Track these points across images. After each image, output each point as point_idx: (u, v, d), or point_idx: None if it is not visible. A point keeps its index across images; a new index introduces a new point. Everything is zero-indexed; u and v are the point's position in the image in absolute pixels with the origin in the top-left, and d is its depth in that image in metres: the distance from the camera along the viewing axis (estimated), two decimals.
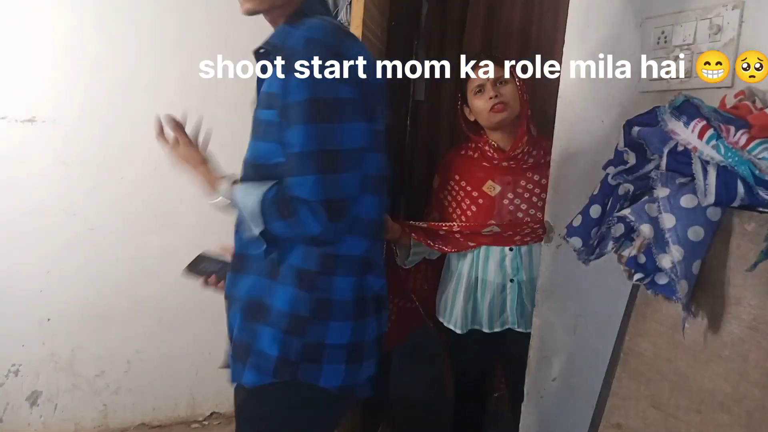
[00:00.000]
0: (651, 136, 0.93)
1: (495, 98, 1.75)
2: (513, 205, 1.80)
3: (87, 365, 2.48)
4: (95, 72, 2.31)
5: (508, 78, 1.78)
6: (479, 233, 1.79)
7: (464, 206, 1.88)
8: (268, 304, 1.13)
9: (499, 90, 1.76)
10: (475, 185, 1.85)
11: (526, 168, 1.80)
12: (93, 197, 2.38)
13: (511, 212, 1.80)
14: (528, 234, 1.76)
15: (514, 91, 1.77)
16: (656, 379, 0.91)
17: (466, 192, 1.87)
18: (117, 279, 2.47)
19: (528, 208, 1.78)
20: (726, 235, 0.85)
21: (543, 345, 1.53)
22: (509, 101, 1.76)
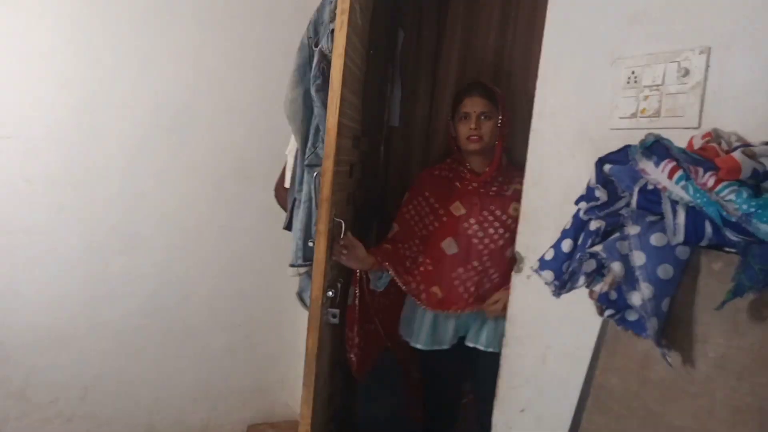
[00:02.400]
0: (622, 174, 0.95)
1: (474, 130, 1.90)
2: (472, 230, 1.92)
3: (40, 391, 2.38)
4: (63, 88, 2.26)
5: (492, 113, 1.92)
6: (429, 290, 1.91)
7: (427, 221, 1.99)
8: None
9: (480, 124, 1.90)
10: (442, 203, 1.97)
11: (492, 196, 1.91)
12: (56, 217, 2.31)
13: (469, 237, 1.92)
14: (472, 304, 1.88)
15: (494, 128, 1.91)
16: (626, 414, 0.92)
17: (433, 208, 1.99)
18: (77, 301, 2.38)
19: (484, 237, 1.90)
20: (694, 274, 0.86)
21: (512, 375, 1.53)
22: (485, 135, 1.91)
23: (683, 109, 1.09)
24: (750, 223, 0.76)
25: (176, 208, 2.50)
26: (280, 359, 2.81)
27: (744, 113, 1.01)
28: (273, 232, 2.69)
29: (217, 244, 2.60)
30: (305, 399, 1.70)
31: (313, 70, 1.79)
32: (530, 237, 1.49)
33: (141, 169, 2.42)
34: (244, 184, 2.61)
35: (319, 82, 1.80)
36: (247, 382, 2.76)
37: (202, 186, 2.54)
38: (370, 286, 2.01)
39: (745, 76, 1.01)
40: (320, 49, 1.76)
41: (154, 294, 2.51)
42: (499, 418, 1.56)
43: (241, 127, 2.56)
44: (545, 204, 1.44)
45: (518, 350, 1.51)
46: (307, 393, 1.70)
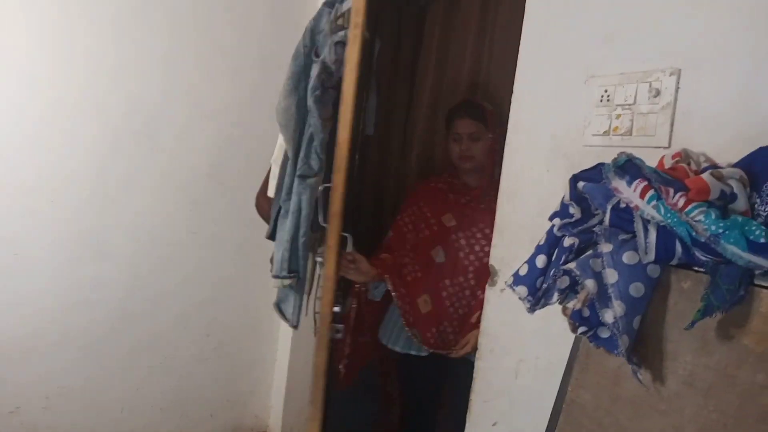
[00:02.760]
0: (595, 191, 0.97)
1: (465, 151, 1.98)
2: (459, 243, 1.97)
3: (1, 400, 2.31)
4: (32, 92, 2.21)
5: (482, 133, 1.97)
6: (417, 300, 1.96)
7: (418, 230, 2.04)
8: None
9: (471, 145, 1.97)
10: (434, 213, 2.03)
11: (482, 210, 1.95)
12: (23, 221, 2.25)
13: (456, 249, 1.98)
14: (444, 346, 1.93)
15: (484, 148, 1.97)
16: (596, 430, 0.93)
17: (425, 218, 2.04)
18: (42, 308, 2.32)
19: (469, 253, 1.96)
20: (664, 292, 0.88)
21: (485, 388, 1.53)
22: (476, 156, 1.98)
23: (654, 129, 1.11)
24: (718, 244, 0.78)
25: (147, 214, 2.46)
26: (250, 370, 2.78)
27: (712, 134, 1.04)
28: (245, 240, 2.66)
29: (187, 251, 2.56)
30: (313, 416, 1.70)
31: (313, 80, 1.77)
32: (504, 250, 1.51)
33: (111, 175, 2.37)
34: (217, 191, 2.58)
35: (318, 93, 1.77)
36: (216, 393, 2.71)
37: (174, 192, 2.50)
38: (368, 296, 2.07)
39: (713, 98, 1.04)
40: (322, 60, 1.75)
41: (123, 302, 2.46)
42: (471, 430, 1.56)
43: (213, 132, 2.54)
44: (520, 217, 1.46)
45: (491, 363, 1.51)
46: (315, 410, 1.69)
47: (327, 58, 1.74)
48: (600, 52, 1.26)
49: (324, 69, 1.75)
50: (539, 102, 1.42)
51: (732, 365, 0.79)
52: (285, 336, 2.75)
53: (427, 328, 1.93)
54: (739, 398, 0.77)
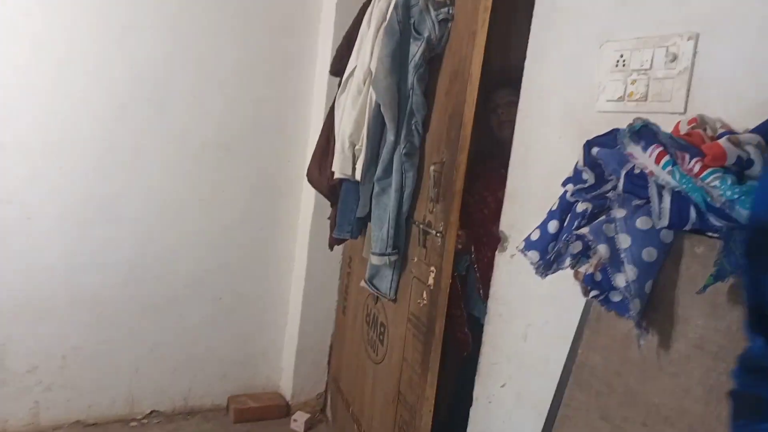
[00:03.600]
0: (609, 157, 0.97)
1: (503, 115, 2.02)
2: None
3: (18, 360, 2.37)
4: (38, 53, 2.20)
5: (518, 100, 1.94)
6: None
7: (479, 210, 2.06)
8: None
9: (508, 110, 1.96)
10: (491, 191, 2.04)
11: None
12: (30, 184, 2.27)
13: None
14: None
15: None
16: (606, 392, 0.95)
17: (482, 197, 2.06)
18: (54, 271, 2.36)
19: None
20: (677, 257, 0.89)
21: (493, 351, 1.56)
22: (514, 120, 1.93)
23: (670, 94, 1.10)
24: (733, 210, 0.78)
25: (156, 179, 2.48)
26: (261, 332, 2.83)
27: (729, 100, 1.03)
28: (254, 206, 2.68)
29: (198, 216, 2.59)
30: (431, 382, 1.76)
31: (417, 58, 1.79)
32: (515, 216, 1.51)
33: (121, 140, 2.38)
34: (226, 157, 2.59)
35: (422, 71, 1.80)
36: (228, 354, 2.77)
37: (183, 157, 2.51)
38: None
39: (731, 63, 1.03)
40: (427, 38, 1.75)
41: (134, 265, 2.50)
42: (480, 392, 1.60)
43: (222, 99, 2.53)
44: (531, 184, 1.46)
45: (500, 327, 1.54)
46: (432, 377, 1.76)
47: (432, 36, 1.75)
48: (615, 16, 1.24)
49: (428, 46, 1.77)
50: (553, 67, 1.41)
51: (742, 329, 0.80)
52: (295, 299, 2.79)
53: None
54: None
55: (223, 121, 2.56)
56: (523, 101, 1.48)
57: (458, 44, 1.73)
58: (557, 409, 1.02)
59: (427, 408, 1.77)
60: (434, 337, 1.74)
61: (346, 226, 2.17)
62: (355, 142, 2.03)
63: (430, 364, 1.75)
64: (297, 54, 2.62)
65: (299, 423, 2.69)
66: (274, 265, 2.78)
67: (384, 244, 1.91)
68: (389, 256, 1.92)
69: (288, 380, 2.85)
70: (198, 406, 2.77)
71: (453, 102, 1.73)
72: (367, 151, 1.97)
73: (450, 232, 1.70)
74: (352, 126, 2.02)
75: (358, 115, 2.00)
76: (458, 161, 1.67)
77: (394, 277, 2.01)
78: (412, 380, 1.87)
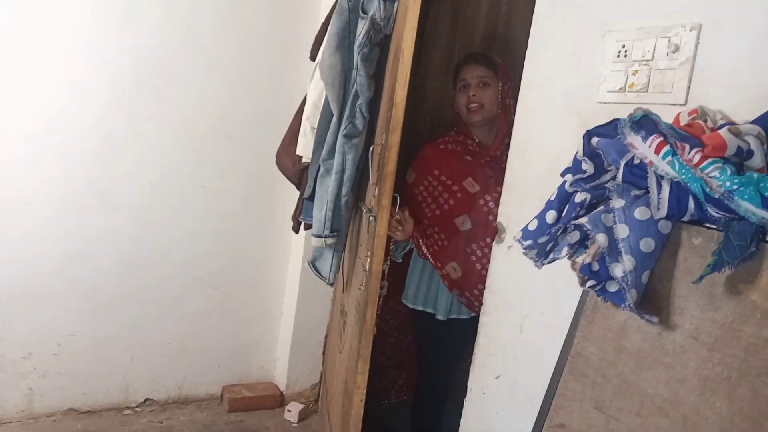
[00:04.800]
0: (609, 147, 0.96)
1: (473, 97, 1.86)
2: (488, 207, 1.88)
3: (13, 346, 2.36)
4: (38, 39, 2.18)
5: (491, 80, 1.86)
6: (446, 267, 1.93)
7: (441, 201, 1.95)
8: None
9: (480, 92, 1.87)
10: (455, 179, 1.93)
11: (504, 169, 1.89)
12: (30, 171, 2.26)
13: (485, 214, 1.89)
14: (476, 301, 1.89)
15: (494, 95, 1.87)
16: (601, 382, 0.95)
17: (445, 186, 1.94)
18: (51, 257, 2.35)
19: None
20: (674, 248, 0.88)
21: (488, 343, 1.56)
22: (486, 104, 1.87)
23: (671, 85, 1.10)
24: (732, 200, 0.78)
25: (154, 166, 2.47)
26: (256, 322, 2.83)
27: (730, 91, 1.02)
28: (252, 194, 2.67)
29: (195, 205, 2.58)
30: (362, 370, 1.74)
31: (361, 37, 1.73)
32: (513, 207, 1.51)
33: (119, 126, 2.37)
34: (225, 144, 2.58)
35: (366, 50, 1.75)
36: (223, 344, 2.77)
37: (182, 145, 2.50)
38: (391, 257, 2.02)
39: (733, 54, 1.02)
40: (371, 17, 1.70)
41: (130, 253, 2.49)
42: (474, 383, 1.60)
43: (221, 85, 2.52)
44: (529, 175, 1.45)
45: (496, 319, 1.53)
46: (364, 364, 1.74)
47: (376, 15, 1.70)
48: (618, 6, 1.24)
49: (372, 26, 1.72)
50: (554, 57, 1.40)
51: (738, 320, 0.80)
52: (291, 289, 2.79)
53: (461, 292, 1.93)
54: (744, 352, 0.78)
55: (224, 109, 2.54)
56: (524, 90, 1.47)
57: (399, 22, 1.69)
58: (551, 399, 1.02)
59: (358, 397, 1.74)
60: (365, 324, 1.71)
61: (310, 210, 2.16)
62: (313, 125, 2.02)
63: (361, 351, 1.72)
64: (297, 41, 2.61)
65: (293, 413, 2.69)
66: (270, 254, 2.78)
67: (321, 225, 1.88)
68: (326, 238, 1.89)
69: (282, 370, 2.85)
70: (192, 395, 2.77)
71: (390, 82, 1.69)
72: (317, 132, 1.95)
73: (381, 215, 1.65)
74: (311, 108, 2.01)
75: (316, 98, 1.99)
76: (390, 142, 1.62)
77: (333, 260, 1.98)
78: (351, 369, 1.85)
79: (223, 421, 2.65)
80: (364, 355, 1.72)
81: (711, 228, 0.86)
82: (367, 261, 1.72)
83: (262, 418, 2.70)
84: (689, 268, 0.86)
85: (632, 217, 0.88)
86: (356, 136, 1.81)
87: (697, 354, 0.84)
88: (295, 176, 2.25)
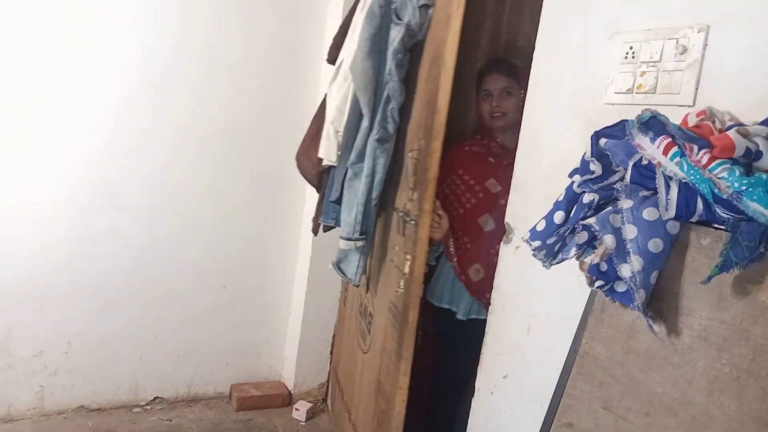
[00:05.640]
0: (617, 148, 0.97)
1: (496, 107, 1.95)
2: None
3: (24, 345, 2.39)
4: (45, 40, 2.20)
5: (514, 88, 1.94)
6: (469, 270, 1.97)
7: (463, 200, 2.01)
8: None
9: (502, 101, 1.94)
10: (477, 179, 1.99)
11: None
12: (37, 170, 2.28)
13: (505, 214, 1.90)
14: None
15: (516, 103, 1.93)
16: (609, 382, 0.95)
17: (468, 185, 2.00)
18: (60, 257, 2.38)
19: None
20: (682, 249, 0.89)
21: (496, 343, 1.56)
22: (508, 112, 1.95)
23: (679, 87, 1.10)
24: (740, 201, 0.78)
25: (162, 167, 2.48)
26: (264, 321, 2.85)
27: (738, 93, 1.02)
28: (260, 194, 2.69)
29: (203, 204, 2.60)
30: (404, 371, 1.76)
31: (396, 43, 1.77)
32: (520, 207, 1.51)
33: (127, 126, 2.39)
34: (232, 145, 2.60)
35: (401, 56, 1.79)
36: (231, 343, 2.79)
37: (189, 145, 2.52)
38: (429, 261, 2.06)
39: (741, 56, 1.02)
40: (407, 23, 1.74)
41: (139, 253, 2.51)
42: (482, 383, 1.60)
43: (229, 85, 2.54)
44: (536, 175, 1.46)
45: (503, 319, 1.54)
46: (406, 365, 1.76)
47: (412, 21, 1.73)
48: (626, 7, 1.24)
49: (408, 32, 1.75)
50: (561, 58, 1.40)
51: (747, 320, 0.80)
52: (299, 289, 2.80)
53: (481, 294, 1.95)
54: (753, 352, 0.79)
55: (231, 110, 2.56)
56: (531, 91, 1.48)
57: (437, 29, 1.71)
58: (560, 399, 1.03)
59: (401, 398, 1.77)
60: (407, 325, 1.74)
61: (331, 213, 2.19)
62: (338, 128, 2.05)
63: (403, 353, 1.75)
64: (304, 42, 2.62)
65: (301, 412, 2.70)
66: (278, 254, 2.79)
67: (351, 228, 1.92)
68: (356, 240, 1.92)
69: (290, 369, 2.86)
70: (201, 394, 2.79)
71: (430, 88, 1.71)
72: (344, 136, 1.98)
73: (423, 219, 1.69)
74: (335, 112, 2.04)
75: (341, 102, 2.01)
76: (432, 148, 1.65)
77: (360, 263, 2.02)
78: (389, 369, 1.87)
79: (231, 420, 2.66)
80: (407, 357, 1.75)
81: (719, 229, 0.86)
82: (406, 264, 1.75)
83: (270, 417, 2.71)
84: (697, 268, 0.87)
85: (640, 218, 0.89)
86: (388, 141, 1.86)
87: (705, 354, 0.84)
88: (315, 179, 2.27)
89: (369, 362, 2.14)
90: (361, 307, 2.34)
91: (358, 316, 2.38)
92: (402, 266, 1.81)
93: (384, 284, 2.01)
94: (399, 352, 1.78)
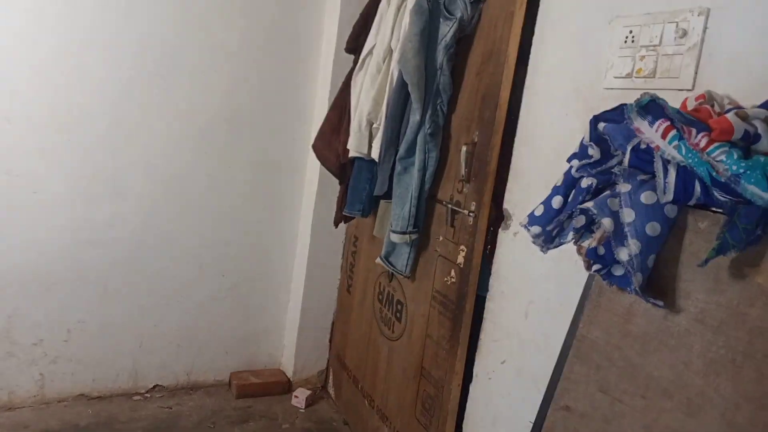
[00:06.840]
0: (616, 132, 0.97)
1: None
2: None
3: (24, 332, 2.39)
4: (44, 27, 2.19)
5: None
6: None
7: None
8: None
9: None
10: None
11: None
12: (37, 159, 2.27)
13: None
14: None
15: None
16: (606, 365, 0.96)
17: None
18: (60, 245, 2.37)
19: None
20: (680, 232, 0.89)
21: (494, 328, 1.57)
22: None
23: (678, 70, 1.10)
24: (738, 184, 0.78)
25: (162, 155, 2.48)
26: (263, 309, 2.85)
27: (737, 76, 1.02)
28: (259, 183, 2.68)
29: (203, 192, 2.59)
30: (460, 357, 1.78)
31: (448, 38, 1.79)
32: (519, 194, 1.51)
33: (126, 115, 2.38)
34: (233, 132, 2.59)
35: (452, 51, 1.80)
36: (230, 331, 2.79)
37: (189, 133, 2.51)
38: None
39: (740, 40, 1.02)
40: (460, 19, 1.76)
41: (139, 241, 2.51)
42: (480, 368, 1.61)
43: (228, 73, 2.52)
44: (535, 162, 1.46)
45: (502, 304, 1.55)
46: (462, 351, 1.78)
47: (464, 16, 1.75)
48: None
49: (460, 27, 1.77)
50: (561, 44, 1.40)
51: (744, 303, 0.80)
52: (298, 277, 2.80)
53: None
54: (749, 335, 0.79)
55: (231, 98, 2.55)
56: (531, 77, 1.47)
57: (492, 25, 1.72)
58: (557, 383, 1.03)
59: (456, 382, 1.80)
60: (465, 313, 1.77)
61: (358, 204, 2.18)
62: (373, 121, 2.04)
63: (460, 339, 1.78)
64: (303, 31, 2.61)
65: (300, 399, 2.71)
66: (277, 242, 2.79)
67: (405, 222, 1.93)
68: (410, 234, 1.94)
69: (290, 357, 2.87)
70: (201, 382, 2.79)
71: (486, 83, 1.72)
72: (387, 130, 1.97)
73: (483, 211, 1.71)
74: (371, 104, 2.02)
75: (377, 94, 2.00)
76: (493, 142, 1.67)
77: (411, 254, 2.03)
78: (438, 356, 1.90)
79: (231, 407, 2.67)
80: (463, 343, 1.78)
81: (717, 212, 0.86)
82: (459, 254, 1.79)
83: (270, 404, 2.72)
84: (695, 251, 0.87)
85: (638, 202, 0.89)
86: (438, 134, 1.87)
87: (702, 337, 0.85)
88: (339, 169, 2.26)
89: (402, 349, 2.16)
90: (381, 295, 2.35)
91: (377, 303, 2.38)
92: (452, 257, 1.84)
93: (424, 273, 2.03)
94: (453, 338, 1.81)
